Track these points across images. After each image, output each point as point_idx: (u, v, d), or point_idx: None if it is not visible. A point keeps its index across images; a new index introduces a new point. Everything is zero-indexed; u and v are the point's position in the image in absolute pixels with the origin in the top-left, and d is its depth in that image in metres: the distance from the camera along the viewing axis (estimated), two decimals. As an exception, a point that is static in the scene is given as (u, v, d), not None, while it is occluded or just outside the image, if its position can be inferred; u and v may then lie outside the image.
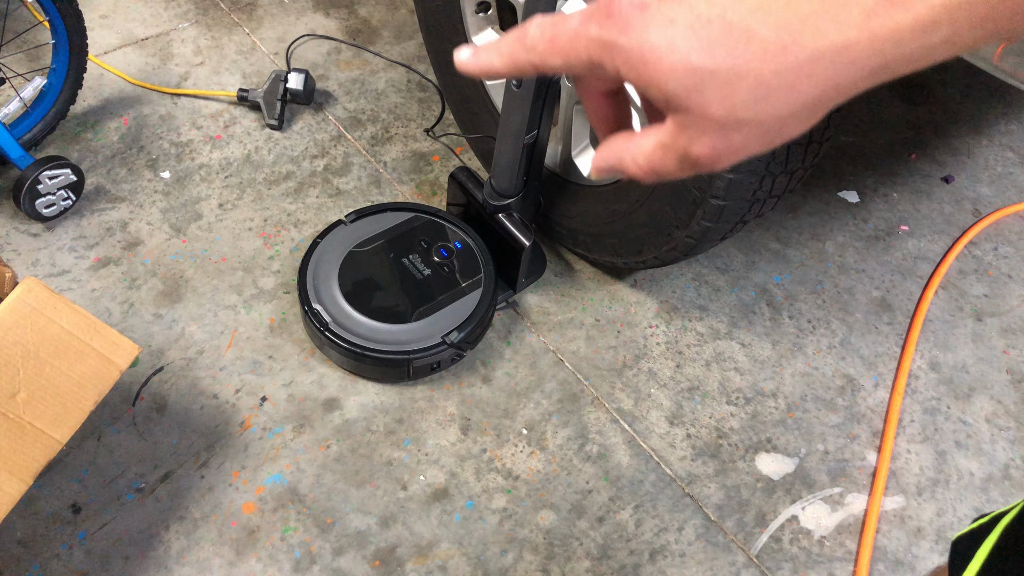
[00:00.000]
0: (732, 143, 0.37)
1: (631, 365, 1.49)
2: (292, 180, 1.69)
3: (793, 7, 0.34)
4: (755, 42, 0.34)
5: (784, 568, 1.29)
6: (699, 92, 0.35)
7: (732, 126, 0.36)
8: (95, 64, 1.80)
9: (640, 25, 0.36)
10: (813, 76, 0.34)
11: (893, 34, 0.33)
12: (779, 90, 0.35)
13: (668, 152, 0.39)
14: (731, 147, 0.37)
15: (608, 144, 0.42)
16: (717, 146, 0.37)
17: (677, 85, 0.35)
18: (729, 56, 0.34)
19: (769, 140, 0.37)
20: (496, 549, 1.27)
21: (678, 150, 0.38)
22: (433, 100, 1.86)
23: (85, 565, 1.20)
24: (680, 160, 0.38)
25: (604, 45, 0.37)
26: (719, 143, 0.37)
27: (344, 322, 1.38)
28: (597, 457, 1.38)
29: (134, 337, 1.43)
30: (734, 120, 0.36)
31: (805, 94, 0.35)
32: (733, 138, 0.37)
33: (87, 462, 1.29)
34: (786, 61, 0.34)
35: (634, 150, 0.40)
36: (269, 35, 1.96)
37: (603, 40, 0.37)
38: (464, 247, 1.48)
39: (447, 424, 1.39)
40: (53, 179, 1.50)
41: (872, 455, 1.43)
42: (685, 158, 0.38)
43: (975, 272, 1.72)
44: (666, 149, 0.39)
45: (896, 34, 0.33)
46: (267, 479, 1.31)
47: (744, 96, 0.35)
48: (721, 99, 0.35)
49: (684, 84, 0.35)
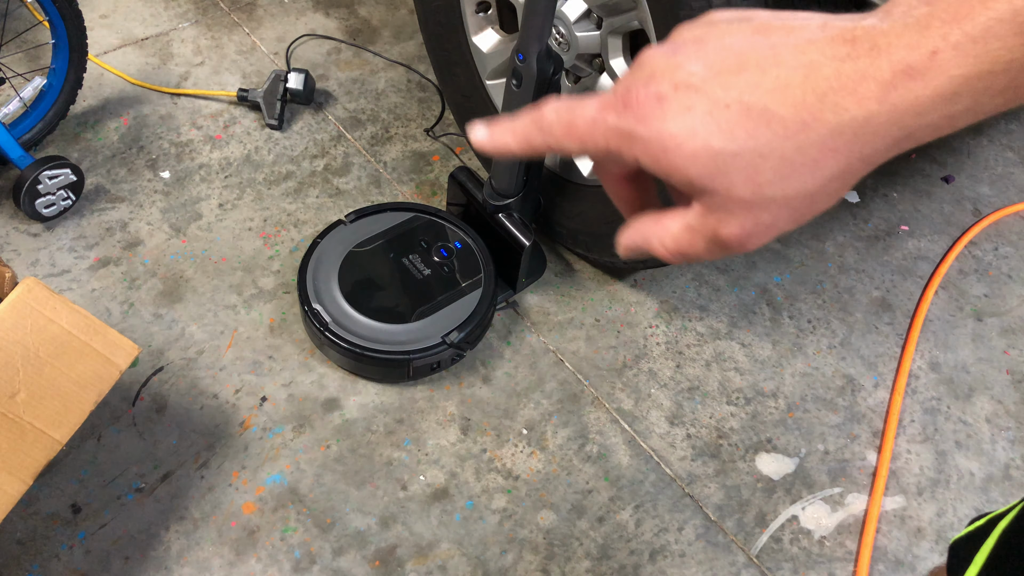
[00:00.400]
0: (761, 222, 0.37)
1: (631, 365, 1.49)
2: (292, 180, 1.69)
3: (810, 85, 0.34)
4: (775, 122, 0.34)
5: (784, 568, 1.29)
6: (723, 175, 0.35)
7: (760, 205, 0.36)
8: (95, 64, 1.80)
9: (658, 115, 0.36)
10: (837, 150, 0.34)
11: (913, 106, 0.33)
12: (803, 166, 0.35)
13: (696, 235, 0.38)
14: (760, 226, 0.37)
15: (635, 225, 0.42)
16: (746, 226, 0.37)
17: (700, 170, 0.35)
18: (750, 138, 0.34)
19: (799, 216, 0.37)
20: (496, 549, 1.27)
21: (706, 232, 0.38)
22: (433, 100, 1.86)
23: (85, 565, 1.20)
24: (709, 242, 0.38)
25: (622, 135, 0.37)
26: (748, 223, 0.37)
27: (344, 322, 1.38)
28: (597, 457, 1.38)
29: (134, 337, 1.43)
30: (761, 199, 0.36)
31: (831, 168, 0.35)
32: (762, 217, 0.36)
33: (87, 462, 1.29)
34: (808, 138, 0.34)
35: (661, 232, 0.40)
36: (269, 35, 1.96)
37: (621, 130, 0.37)
38: (464, 247, 1.48)
39: (447, 424, 1.39)
40: (53, 179, 1.50)
41: (872, 455, 1.43)
42: (714, 240, 0.38)
43: (975, 272, 1.72)
44: (694, 232, 0.38)
45: (916, 106, 0.33)
46: (267, 479, 1.31)
47: (769, 175, 0.35)
48: (746, 180, 0.35)
49: (707, 168, 0.35)
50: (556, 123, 0.39)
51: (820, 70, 0.34)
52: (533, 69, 1.24)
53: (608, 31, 1.28)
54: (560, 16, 1.31)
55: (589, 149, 0.38)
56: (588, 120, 0.38)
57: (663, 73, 0.36)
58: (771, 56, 0.35)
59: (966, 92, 0.32)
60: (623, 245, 0.43)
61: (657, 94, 0.36)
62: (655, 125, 0.36)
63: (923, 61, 0.32)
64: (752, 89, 0.35)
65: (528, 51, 1.22)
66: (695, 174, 0.36)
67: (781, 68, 0.34)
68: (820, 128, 0.34)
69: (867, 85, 0.33)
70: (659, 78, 0.36)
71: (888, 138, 0.34)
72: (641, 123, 0.36)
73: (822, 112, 0.34)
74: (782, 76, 0.34)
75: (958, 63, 0.32)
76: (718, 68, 0.35)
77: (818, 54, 0.34)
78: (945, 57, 0.32)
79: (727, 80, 0.35)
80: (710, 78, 0.35)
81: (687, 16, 1.09)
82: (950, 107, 0.33)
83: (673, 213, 0.40)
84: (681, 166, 0.36)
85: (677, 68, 0.36)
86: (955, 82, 0.32)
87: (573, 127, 0.38)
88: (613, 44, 1.30)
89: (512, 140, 0.41)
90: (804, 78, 0.34)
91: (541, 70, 1.24)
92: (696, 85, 0.35)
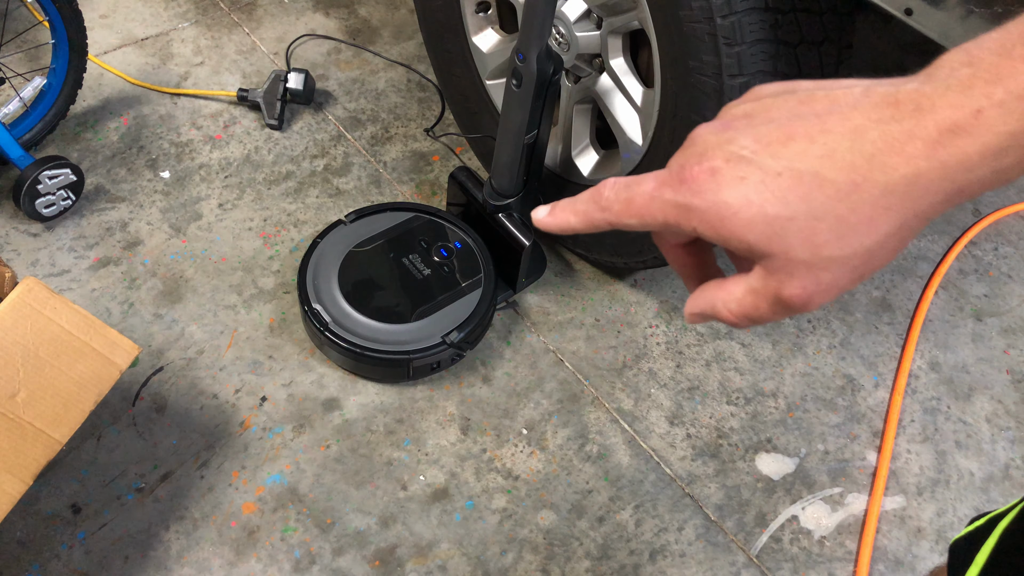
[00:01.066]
0: (822, 281, 0.37)
1: (631, 365, 1.49)
2: (292, 180, 1.69)
3: (857, 148, 0.35)
4: (827, 185, 0.35)
5: (784, 568, 1.29)
6: (780, 238, 0.36)
7: (820, 265, 0.37)
8: (95, 64, 1.80)
9: (713, 187, 0.37)
10: (890, 208, 0.35)
11: (962, 162, 0.34)
12: (859, 226, 0.36)
13: (759, 297, 0.39)
14: (822, 286, 0.37)
15: (701, 293, 0.43)
16: (808, 286, 0.37)
17: (758, 235, 0.37)
18: (803, 202, 0.36)
19: (860, 273, 0.38)
20: (496, 549, 1.27)
21: (769, 295, 0.39)
22: (433, 100, 1.86)
23: (85, 565, 1.20)
24: (772, 304, 0.39)
25: (680, 208, 0.38)
26: (809, 283, 0.37)
27: (344, 322, 1.38)
28: (597, 457, 1.38)
29: (134, 337, 1.43)
30: (820, 259, 0.37)
31: (886, 226, 0.36)
32: (823, 277, 0.37)
33: (87, 462, 1.29)
34: (861, 198, 0.35)
35: (725, 297, 0.41)
36: (269, 35, 1.96)
37: (679, 203, 0.38)
38: (464, 247, 1.48)
39: (447, 424, 1.39)
40: (53, 179, 1.50)
41: (872, 455, 1.43)
42: (777, 301, 0.39)
43: (975, 272, 1.72)
44: (757, 294, 0.39)
45: (965, 162, 0.34)
46: (267, 479, 1.31)
47: (826, 236, 0.36)
48: (803, 241, 0.36)
49: (765, 233, 0.36)
50: (615, 201, 0.41)
51: (866, 134, 0.35)
52: (533, 69, 1.24)
53: (608, 31, 1.28)
54: (560, 16, 1.31)
55: (649, 223, 0.40)
56: (646, 197, 0.40)
57: (715, 148, 0.38)
58: (817, 125, 0.36)
59: (1014, 147, 0.33)
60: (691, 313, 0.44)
61: (711, 168, 0.37)
62: (711, 196, 0.37)
63: (968, 119, 0.33)
64: (802, 157, 0.36)
65: (528, 51, 1.22)
66: (753, 239, 0.37)
67: (828, 135, 0.36)
68: (871, 188, 0.35)
69: (914, 144, 0.34)
70: (711, 153, 0.38)
71: (940, 193, 0.35)
72: (697, 196, 0.38)
73: (871, 172, 0.35)
74: (830, 142, 0.35)
75: (1004, 120, 0.33)
76: (767, 140, 0.37)
77: (863, 118, 0.35)
78: (990, 115, 0.33)
79: (777, 151, 0.36)
80: (760, 150, 0.37)
81: (687, 16, 1.09)
82: (998, 162, 0.34)
83: (736, 278, 0.41)
84: (739, 232, 0.37)
85: (728, 143, 0.38)
86: (1002, 138, 0.33)
87: (631, 204, 0.40)
88: (613, 44, 1.30)
89: (574, 219, 0.44)
90: (851, 142, 0.35)
91: (541, 70, 1.24)
92: (747, 157, 0.37)
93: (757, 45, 1.08)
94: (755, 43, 1.08)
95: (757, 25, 1.07)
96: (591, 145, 1.49)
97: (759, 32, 1.07)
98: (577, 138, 1.47)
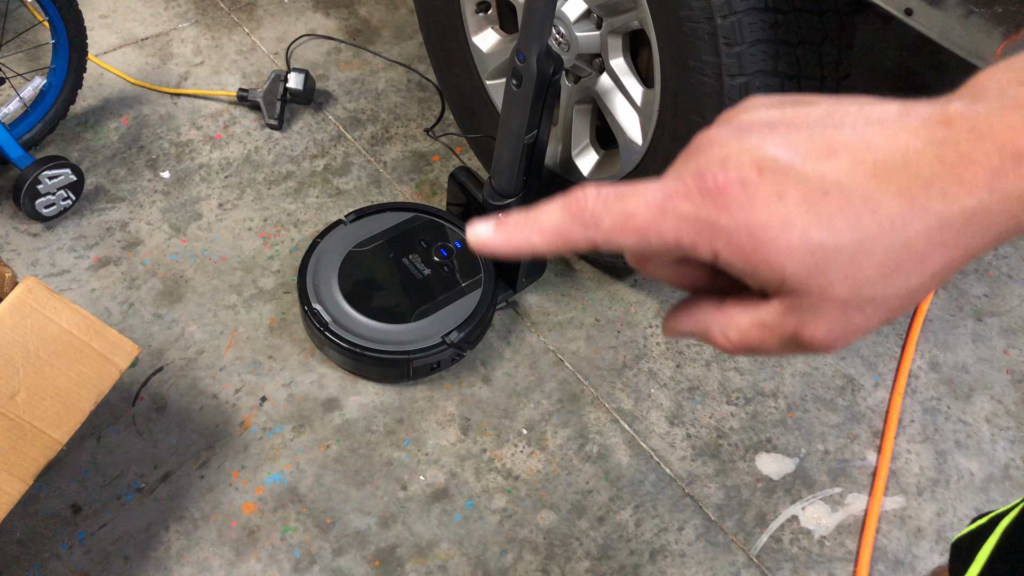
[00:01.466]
0: (852, 324, 0.32)
1: (631, 365, 1.49)
2: (292, 180, 1.69)
3: (912, 171, 0.30)
4: (881, 211, 0.30)
5: (784, 568, 1.29)
6: (822, 272, 0.31)
7: (855, 306, 0.32)
8: (95, 64, 1.80)
9: (744, 202, 0.31)
10: (944, 244, 0.31)
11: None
12: (909, 262, 0.31)
13: (770, 333, 0.34)
14: (850, 328, 0.33)
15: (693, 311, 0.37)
16: (835, 329, 0.33)
17: (797, 266, 0.31)
18: (853, 229, 0.30)
19: (892, 315, 0.33)
20: (496, 549, 1.27)
21: (784, 333, 0.33)
22: (433, 100, 1.86)
23: (85, 565, 1.20)
24: (785, 343, 0.34)
25: (700, 225, 0.31)
26: (837, 326, 0.32)
27: (344, 322, 1.38)
28: (597, 457, 1.38)
29: (134, 337, 1.43)
30: (858, 300, 0.32)
31: (936, 263, 0.31)
32: (854, 319, 0.32)
33: (87, 462, 1.29)
34: (916, 230, 0.30)
35: (724, 323, 0.35)
36: (269, 35, 1.96)
37: (699, 219, 0.31)
38: (464, 247, 1.48)
39: (447, 424, 1.39)
40: (53, 179, 1.50)
41: (872, 455, 1.43)
42: (794, 341, 0.34)
43: (975, 272, 1.72)
44: (768, 330, 0.34)
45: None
46: (267, 479, 1.31)
47: (871, 273, 0.31)
48: (845, 278, 0.31)
49: (805, 264, 0.31)
50: (604, 215, 0.33)
51: (921, 155, 0.30)
52: (533, 69, 1.24)
53: (608, 31, 1.28)
54: (560, 16, 1.31)
55: (652, 244, 0.33)
56: (652, 210, 0.32)
57: (740, 155, 0.32)
58: (862, 141, 0.31)
59: None
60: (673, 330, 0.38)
61: (740, 178, 0.31)
62: (742, 214, 0.31)
63: None
64: (850, 175, 0.31)
65: (528, 51, 1.22)
66: (790, 271, 0.31)
67: (877, 152, 0.31)
68: (929, 219, 0.30)
69: (974, 171, 0.30)
70: (737, 160, 0.32)
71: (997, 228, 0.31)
72: (724, 211, 0.31)
73: (930, 201, 0.30)
74: (880, 161, 0.31)
75: None
76: (805, 151, 0.31)
77: (913, 138, 0.31)
78: None
79: (819, 165, 0.31)
80: (798, 161, 0.31)
81: (687, 16, 1.09)
82: None
83: (741, 305, 0.35)
84: (775, 261, 0.31)
85: (756, 149, 0.32)
86: None
87: (631, 219, 0.32)
88: (613, 44, 1.30)
89: (539, 239, 0.34)
90: (905, 163, 0.30)
91: (541, 70, 1.24)
92: (784, 169, 0.31)
93: (757, 45, 1.08)
94: (755, 43, 1.08)
95: (757, 25, 1.07)
96: (591, 145, 1.49)
97: (759, 32, 1.07)
98: (577, 138, 1.47)
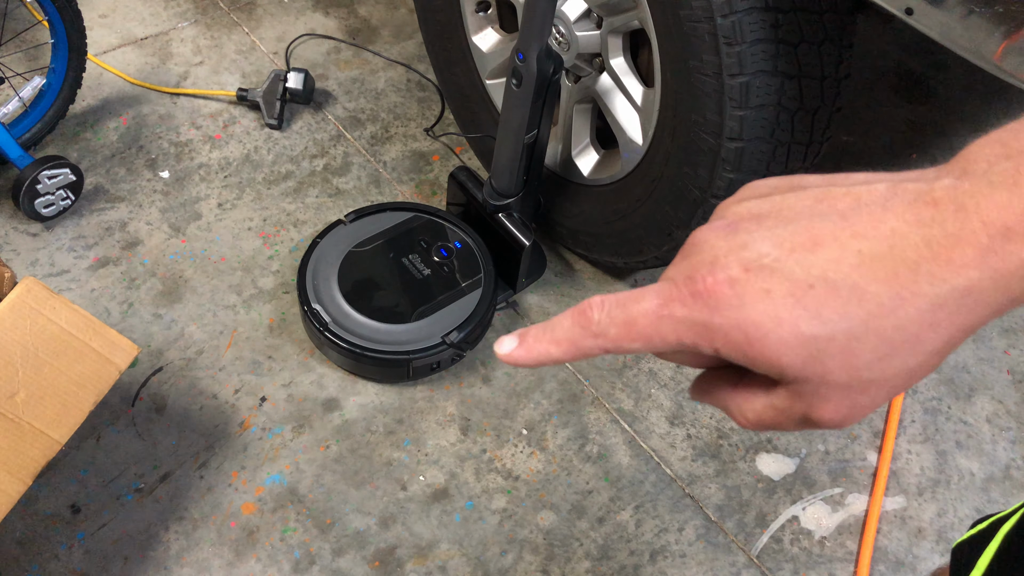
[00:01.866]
0: (857, 403, 0.34)
1: (631, 365, 1.49)
2: (291, 180, 1.69)
3: (898, 256, 0.31)
4: (868, 299, 0.31)
5: (785, 568, 1.29)
6: (817, 361, 0.32)
7: (857, 388, 0.33)
8: (94, 64, 1.80)
9: (733, 302, 0.32)
10: (938, 324, 0.32)
11: (1018, 269, 0.30)
12: (903, 344, 0.32)
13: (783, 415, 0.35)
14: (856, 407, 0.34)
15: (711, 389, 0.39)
16: (841, 409, 0.34)
17: (792, 358, 0.32)
18: (842, 319, 0.31)
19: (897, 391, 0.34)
20: (496, 549, 1.27)
21: (795, 415, 0.35)
22: (433, 100, 1.86)
23: (84, 565, 1.20)
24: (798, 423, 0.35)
25: (696, 327, 0.33)
26: (843, 406, 0.34)
27: (344, 322, 1.37)
28: (597, 457, 1.38)
29: (133, 337, 1.43)
30: (858, 383, 0.33)
31: (932, 344, 0.32)
32: (859, 399, 0.34)
33: (86, 462, 1.29)
34: (907, 314, 0.31)
35: (741, 404, 0.37)
36: (269, 34, 1.96)
37: (694, 321, 0.33)
38: (464, 247, 1.48)
39: (447, 424, 1.39)
40: (52, 179, 1.50)
41: (873, 455, 1.43)
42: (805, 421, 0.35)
43: (976, 272, 1.71)
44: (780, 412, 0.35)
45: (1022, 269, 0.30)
46: (267, 479, 1.30)
47: (867, 357, 0.32)
48: (841, 365, 0.32)
49: (800, 356, 0.32)
50: (609, 324, 0.35)
51: (906, 239, 0.31)
52: (533, 68, 1.23)
53: (608, 31, 1.28)
54: (560, 16, 1.31)
55: (658, 347, 0.35)
56: (651, 316, 0.34)
57: (727, 255, 0.33)
58: (846, 227, 0.32)
59: None
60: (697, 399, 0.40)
61: (728, 279, 0.32)
62: (732, 313, 0.32)
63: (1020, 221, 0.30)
64: (835, 266, 0.32)
65: (528, 50, 1.22)
66: (787, 362, 0.32)
67: (862, 240, 0.32)
68: (919, 302, 0.31)
69: (962, 251, 0.30)
70: (724, 261, 0.33)
71: (993, 304, 0.31)
72: (716, 312, 0.33)
73: (918, 284, 0.31)
74: (865, 249, 0.31)
75: None
76: (790, 245, 0.32)
77: (899, 221, 0.31)
78: None
79: (803, 258, 0.32)
80: (783, 257, 0.32)
81: (687, 15, 1.09)
82: None
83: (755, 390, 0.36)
84: (770, 355, 0.32)
85: (742, 248, 0.33)
86: None
87: (633, 327, 0.35)
88: (613, 44, 1.30)
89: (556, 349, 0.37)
90: (890, 248, 0.31)
91: (541, 70, 1.24)
92: (769, 266, 0.32)
93: (757, 44, 1.08)
94: (755, 43, 1.07)
95: (757, 24, 1.07)
96: (591, 145, 1.48)
97: (759, 32, 1.07)
98: (577, 138, 1.47)
